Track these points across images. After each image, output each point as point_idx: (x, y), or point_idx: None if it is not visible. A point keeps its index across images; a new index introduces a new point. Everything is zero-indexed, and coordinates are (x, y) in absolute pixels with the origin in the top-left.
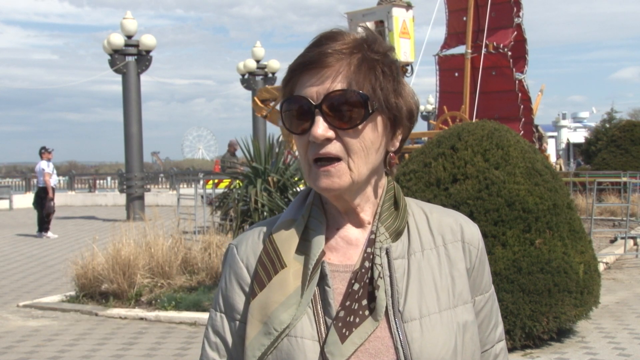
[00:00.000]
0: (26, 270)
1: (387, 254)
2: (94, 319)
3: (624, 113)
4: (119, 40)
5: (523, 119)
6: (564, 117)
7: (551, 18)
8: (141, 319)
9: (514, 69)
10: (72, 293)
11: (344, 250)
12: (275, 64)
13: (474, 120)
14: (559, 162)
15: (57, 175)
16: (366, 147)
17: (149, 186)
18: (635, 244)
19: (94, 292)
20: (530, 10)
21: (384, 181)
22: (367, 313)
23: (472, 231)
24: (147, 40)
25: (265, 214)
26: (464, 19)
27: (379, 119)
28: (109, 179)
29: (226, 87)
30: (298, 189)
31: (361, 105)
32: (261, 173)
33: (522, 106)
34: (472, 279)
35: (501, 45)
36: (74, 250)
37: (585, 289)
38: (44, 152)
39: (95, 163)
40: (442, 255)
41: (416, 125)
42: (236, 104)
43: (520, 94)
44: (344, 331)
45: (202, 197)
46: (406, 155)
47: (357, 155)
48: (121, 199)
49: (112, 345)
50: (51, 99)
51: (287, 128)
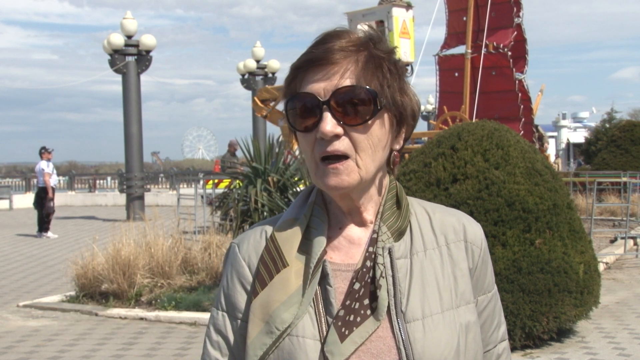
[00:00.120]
0: (26, 270)
1: (390, 253)
2: (94, 319)
3: (624, 113)
4: (119, 40)
5: (523, 119)
6: (564, 117)
7: (551, 18)
8: (141, 319)
9: (514, 69)
10: (72, 293)
11: (346, 249)
12: (275, 64)
13: (474, 120)
14: (557, 162)
15: (57, 175)
16: (374, 145)
17: (149, 186)
18: (635, 244)
19: (94, 292)
20: (530, 10)
21: (386, 180)
22: (368, 312)
23: (475, 231)
24: (147, 40)
25: (265, 214)
26: (464, 19)
27: (386, 116)
28: (109, 179)
29: (226, 87)
30: (298, 189)
31: (370, 101)
32: (261, 173)
33: (522, 106)
34: (475, 279)
35: (501, 45)
36: (74, 250)
37: (585, 289)
38: (44, 152)
39: (95, 163)
40: (444, 255)
41: (416, 125)
42: (236, 104)
43: (520, 94)
44: (343, 330)
45: (202, 197)
46: (406, 155)
47: (365, 152)
48: (121, 199)
49: (112, 345)
50: (51, 99)
51: (292, 125)
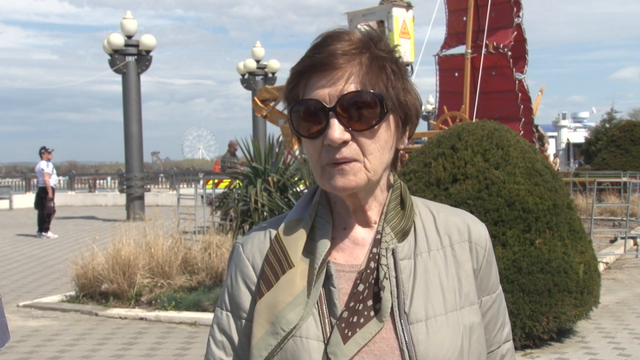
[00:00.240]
0: (26, 270)
1: (394, 254)
2: (94, 319)
3: (624, 113)
4: (119, 40)
5: (523, 119)
6: (564, 117)
7: (551, 18)
8: (141, 319)
9: (514, 69)
10: (72, 293)
11: (350, 250)
12: (275, 64)
13: (474, 120)
14: (555, 162)
15: (57, 175)
16: (381, 147)
17: (149, 186)
18: (635, 244)
19: (94, 292)
20: (530, 10)
21: (391, 179)
22: (372, 314)
23: (480, 231)
24: (147, 40)
25: (265, 214)
26: (464, 19)
27: (391, 118)
28: (109, 179)
29: (226, 87)
30: (298, 189)
31: (376, 105)
32: (261, 173)
33: (522, 106)
34: (479, 280)
35: (501, 45)
36: (74, 250)
37: (585, 289)
38: (44, 152)
39: (95, 163)
40: (448, 256)
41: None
42: (236, 104)
43: (520, 94)
44: (346, 332)
45: (202, 197)
46: (406, 155)
47: (373, 155)
48: (121, 199)
49: (112, 345)
50: (51, 99)
51: (297, 132)
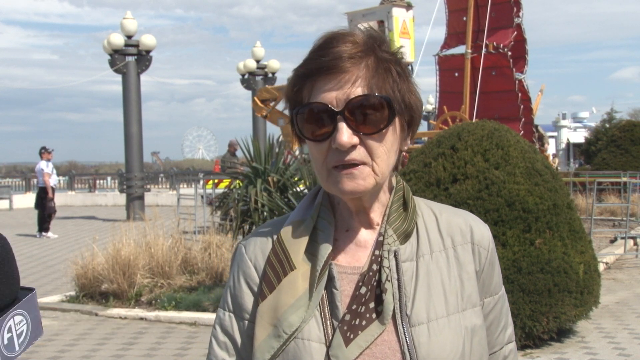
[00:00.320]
0: (26, 270)
1: (396, 256)
2: (94, 319)
3: (624, 113)
4: (119, 40)
5: (523, 119)
6: (564, 117)
7: (551, 18)
8: (141, 319)
9: (514, 69)
10: (72, 293)
11: (353, 251)
12: (275, 64)
13: (474, 120)
14: (554, 162)
15: (57, 175)
16: (388, 150)
17: (149, 186)
18: (635, 244)
19: (94, 292)
20: (530, 10)
21: (393, 180)
22: (373, 316)
23: (482, 232)
24: (147, 40)
25: (265, 214)
26: (464, 19)
27: (397, 120)
28: (109, 179)
29: (226, 87)
30: (298, 189)
31: (384, 108)
32: (261, 173)
33: (522, 106)
34: (482, 281)
35: (501, 45)
36: (74, 250)
37: (585, 289)
38: (44, 152)
39: (95, 163)
40: (451, 258)
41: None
42: (236, 104)
43: (520, 94)
44: (348, 334)
45: (202, 197)
46: (407, 157)
47: (381, 158)
48: (121, 199)
49: (112, 345)
50: (51, 99)
51: (303, 135)
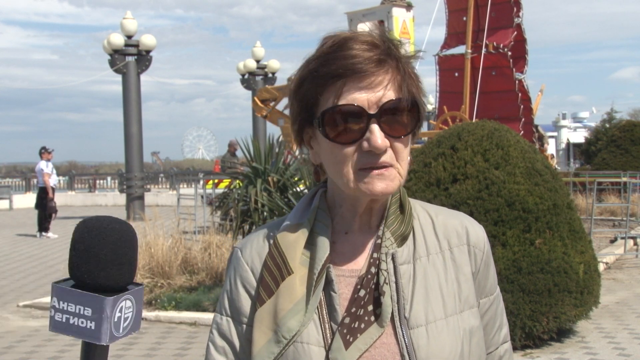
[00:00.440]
0: (26, 270)
1: (393, 259)
2: None
3: (624, 113)
4: (119, 40)
5: (523, 119)
6: (564, 117)
7: (551, 18)
8: (141, 319)
9: (514, 69)
10: None
11: (350, 254)
12: (275, 64)
13: (474, 120)
14: (552, 162)
15: (57, 175)
16: (408, 153)
17: (149, 186)
18: (635, 244)
19: None
20: (530, 10)
21: None
22: (372, 319)
23: (478, 233)
24: (147, 40)
25: (265, 214)
26: (464, 19)
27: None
28: (109, 179)
29: (226, 87)
30: (298, 189)
31: (413, 112)
32: (261, 173)
33: (522, 106)
34: (477, 282)
35: (501, 45)
36: None
37: (585, 289)
38: (44, 152)
39: (95, 163)
40: (447, 260)
41: None
42: (236, 104)
43: (520, 94)
44: (348, 337)
45: (202, 197)
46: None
47: (405, 161)
48: (121, 199)
49: (112, 345)
50: (51, 99)
51: (330, 138)
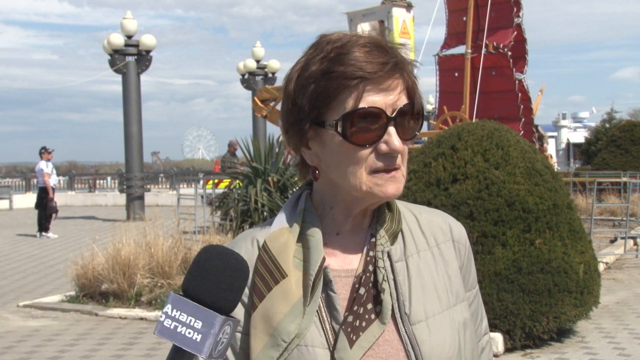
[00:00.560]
0: (26, 270)
1: (389, 257)
2: (94, 319)
3: (624, 113)
4: (119, 40)
5: (523, 119)
6: (564, 117)
7: (551, 18)
8: (141, 319)
9: (514, 69)
10: (72, 293)
11: (343, 255)
12: (275, 64)
13: (474, 120)
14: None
15: (57, 175)
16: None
17: (149, 186)
18: (635, 244)
19: (94, 292)
20: (530, 10)
21: None
22: (373, 317)
23: (460, 230)
24: (147, 40)
25: (265, 214)
26: (464, 19)
27: None
28: (109, 179)
29: (226, 87)
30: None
31: (420, 116)
32: (261, 173)
33: (522, 106)
34: (463, 276)
35: (501, 45)
36: (74, 250)
37: (585, 289)
38: (44, 152)
39: (95, 163)
40: (436, 256)
41: None
42: (236, 104)
43: (520, 94)
44: (351, 336)
45: (202, 197)
46: None
47: (407, 162)
48: (121, 199)
49: (112, 345)
50: (51, 99)
51: (349, 139)
